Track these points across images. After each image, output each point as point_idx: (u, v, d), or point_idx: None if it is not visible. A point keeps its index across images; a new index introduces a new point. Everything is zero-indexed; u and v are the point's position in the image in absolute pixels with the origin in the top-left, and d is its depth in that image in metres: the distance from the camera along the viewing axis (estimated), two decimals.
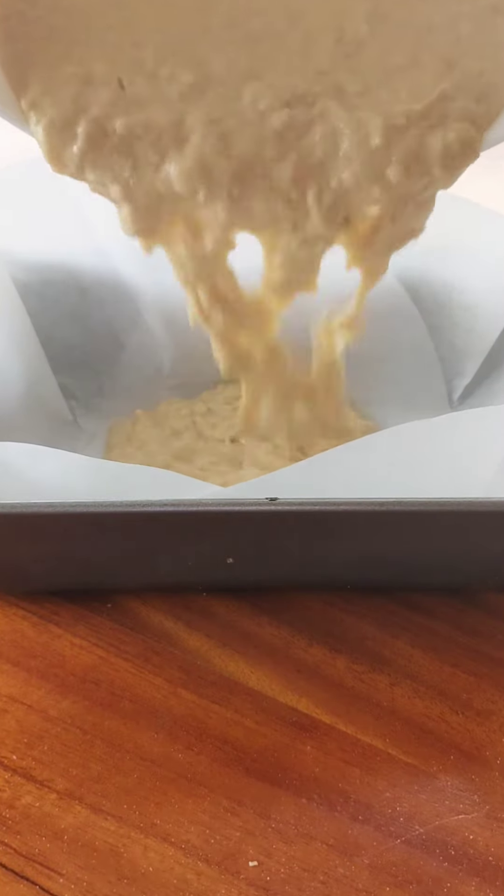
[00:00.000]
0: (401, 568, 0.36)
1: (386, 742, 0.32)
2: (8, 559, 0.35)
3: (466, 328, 0.50)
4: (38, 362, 0.48)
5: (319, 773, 0.30)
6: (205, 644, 0.35)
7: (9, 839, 0.28)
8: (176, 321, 0.50)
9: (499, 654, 0.35)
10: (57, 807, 0.29)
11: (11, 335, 0.46)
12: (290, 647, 0.35)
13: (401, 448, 0.34)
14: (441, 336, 0.51)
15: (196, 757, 0.31)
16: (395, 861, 0.28)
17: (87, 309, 0.50)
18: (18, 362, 0.46)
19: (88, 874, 0.27)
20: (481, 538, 0.34)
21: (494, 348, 0.49)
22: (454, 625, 0.36)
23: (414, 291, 0.51)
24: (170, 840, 0.28)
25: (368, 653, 0.35)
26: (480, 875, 0.28)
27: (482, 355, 0.49)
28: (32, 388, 0.47)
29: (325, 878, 0.27)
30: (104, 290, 0.50)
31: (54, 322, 0.49)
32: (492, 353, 0.49)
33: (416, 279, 0.51)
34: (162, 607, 0.36)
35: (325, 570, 0.36)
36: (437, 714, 0.33)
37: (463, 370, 0.51)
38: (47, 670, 0.34)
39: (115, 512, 0.32)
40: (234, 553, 0.34)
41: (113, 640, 0.35)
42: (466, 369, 0.50)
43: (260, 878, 0.27)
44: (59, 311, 0.49)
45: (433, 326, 0.51)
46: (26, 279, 0.48)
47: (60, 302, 0.49)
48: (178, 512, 0.32)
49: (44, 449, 0.35)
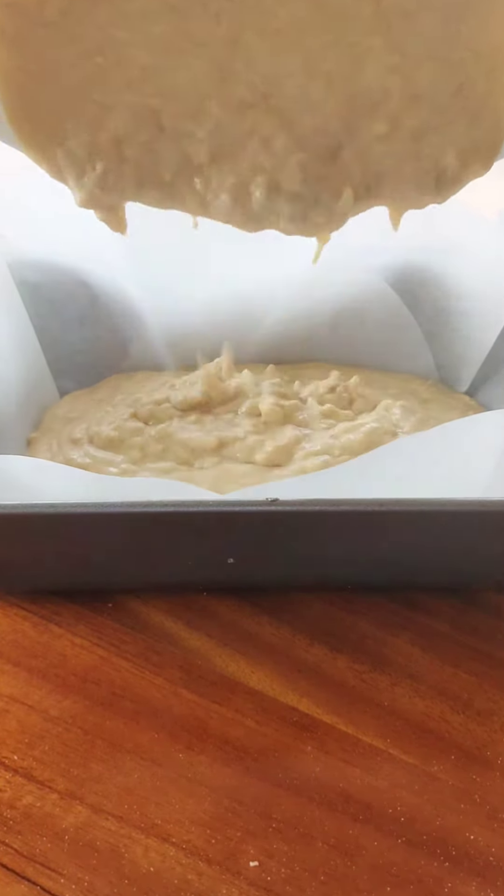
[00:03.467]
0: (401, 568, 0.36)
1: (387, 742, 0.32)
2: (9, 559, 0.35)
3: (464, 334, 0.50)
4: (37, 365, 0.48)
5: (320, 772, 0.30)
6: (205, 644, 0.35)
7: (10, 839, 0.28)
8: (177, 342, 0.51)
9: (499, 653, 0.35)
10: (58, 807, 0.29)
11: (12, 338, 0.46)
12: (291, 647, 0.35)
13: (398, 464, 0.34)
14: (439, 342, 0.51)
15: (197, 757, 0.31)
16: (396, 861, 0.28)
17: (96, 316, 0.50)
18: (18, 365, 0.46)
19: (89, 874, 0.27)
20: (481, 538, 0.34)
21: (491, 354, 0.49)
22: (455, 624, 0.36)
23: (412, 297, 0.51)
24: (171, 840, 0.28)
25: (369, 652, 0.35)
26: (481, 875, 0.28)
27: (479, 361, 0.50)
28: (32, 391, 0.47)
29: (326, 877, 0.27)
30: (113, 300, 0.50)
31: (63, 326, 0.49)
32: (488, 359, 0.49)
33: (413, 285, 0.51)
34: (163, 607, 0.36)
35: (326, 570, 0.36)
36: (438, 714, 0.33)
37: (460, 376, 0.51)
38: (48, 670, 0.34)
39: (116, 512, 0.32)
40: (235, 553, 0.34)
41: (114, 640, 0.35)
42: (463, 375, 0.51)
43: (261, 877, 0.27)
44: (68, 315, 0.49)
45: (430, 333, 0.52)
46: (37, 281, 0.48)
47: (70, 306, 0.50)
48: (179, 512, 0.32)
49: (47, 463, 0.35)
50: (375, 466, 0.34)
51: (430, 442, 0.35)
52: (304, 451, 0.43)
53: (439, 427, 0.36)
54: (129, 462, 0.42)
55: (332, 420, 0.46)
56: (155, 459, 0.43)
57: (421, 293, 0.51)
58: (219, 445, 0.43)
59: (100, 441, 0.44)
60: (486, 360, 0.49)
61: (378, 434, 0.44)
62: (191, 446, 0.43)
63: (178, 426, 0.45)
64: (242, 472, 0.42)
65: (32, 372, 0.47)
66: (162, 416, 0.46)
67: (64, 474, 0.35)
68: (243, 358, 0.51)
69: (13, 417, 0.45)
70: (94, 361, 0.50)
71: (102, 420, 0.46)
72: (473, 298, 0.50)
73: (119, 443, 0.44)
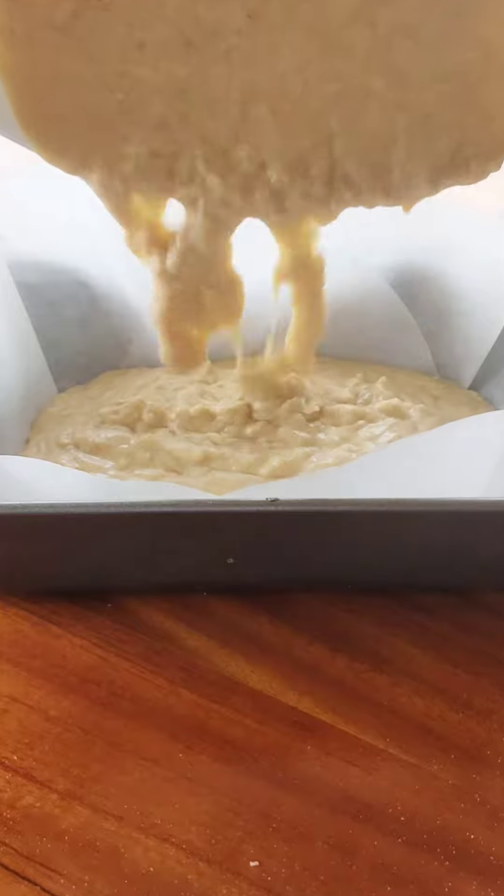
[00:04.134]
0: (401, 568, 0.36)
1: (386, 741, 0.32)
2: (8, 559, 0.35)
3: (464, 334, 0.50)
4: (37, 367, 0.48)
5: (320, 772, 0.30)
6: (205, 644, 0.35)
7: (10, 839, 0.28)
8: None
9: (499, 653, 0.35)
10: (58, 807, 0.29)
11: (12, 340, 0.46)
12: (291, 647, 0.35)
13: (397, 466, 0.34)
14: (439, 342, 0.51)
15: (197, 756, 0.31)
16: (396, 860, 0.28)
17: (96, 316, 0.50)
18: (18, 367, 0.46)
19: (89, 874, 0.27)
20: (481, 538, 0.34)
21: (491, 354, 0.49)
22: (454, 624, 0.36)
23: (412, 298, 0.51)
24: (171, 840, 0.28)
25: (369, 652, 0.35)
26: (481, 874, 0.28)
27: (479, 362, 0.50)
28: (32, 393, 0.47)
29: (326, 877, 0.27)
30: (112, 300, 0.50)
31: (63, 327, 0.49)
32: (489, 359, 0.49)
33: (414, 285, 0.51)
34: (162, 607, 0.36)
35: (325, 570, 0.36)
36: (438, 713, 0.33)
37: (460, 376, 0.51)
38: (48, 670, 0.34)
39: (116, 512, 0.32)
40: (235, 553, 0.34)
41: (113, 640, 0.35)
42: (463, 375, 0.51)
43: (261, 877, 0.27)
44: (68, 316, 0.49)
45: (430, 333, 0.52)
46: (36, 282, 0.48)
47: (70, 307, 0.49)
48: (179, 512, 0.32)
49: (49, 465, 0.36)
50: (375, 467, 0.34)
51: (430, 442, 0.35)
52: (312, 464, 0.42)
53: (439, 428, 0.36)
54: (117, 469, 0.42)
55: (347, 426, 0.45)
56: (142, 467, 0.42)
57: (421, 293, 0.51)
58: (204, 459, 0.42)
59: (87, 447, 0.43)
60: (486, 359, 0.49)
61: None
62: (176, 456, 0.42)
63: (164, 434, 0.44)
64: (236, 480, 0.41)
65: (33, 373, 0.47)
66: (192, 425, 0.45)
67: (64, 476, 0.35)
68: None
69: (14, 418, 0.45)
70: (94, 362, 0.50)
71: (87, 424, 0.45)
72: (473, 298, 0.49)
73: (107, 449, 0.43)
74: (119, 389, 0.49)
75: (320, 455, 0.43)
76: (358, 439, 0.44)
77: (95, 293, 0.50)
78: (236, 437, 0.44)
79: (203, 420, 0.45)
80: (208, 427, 0.45)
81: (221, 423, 0.45)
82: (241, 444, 0.44)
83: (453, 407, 0.48)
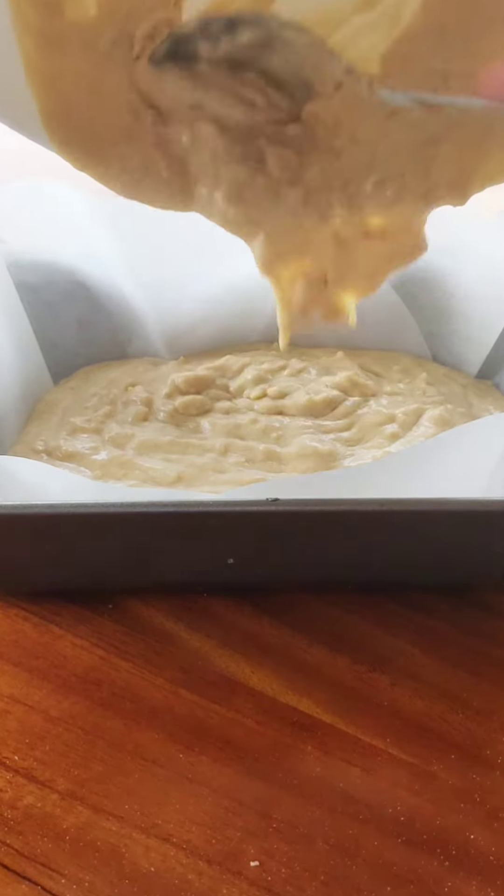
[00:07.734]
0: (401, 568, 0.36)
1: (386, 742, 0.32)
2: (9, 560, 0.35)
3: (464, 335, 0.50)
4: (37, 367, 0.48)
5: (320, 772, 0.31)
6: (205, 644, 0.35)
7: (10, 840, 0.28)
8: (176, 341, 0.50)
9: (499, 653, 0.35)
10: (58, 807, 0.29)
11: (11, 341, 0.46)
12: (291, 648, 0.35)
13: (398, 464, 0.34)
14: (439, 343, 0.51)
15: (197, 757, 0.31)
16: (396, 861, 0.28)
17: (95, 317, 0.50)
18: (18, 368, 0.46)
19: (90, 874, 0.27)
20: (481, 538, 0.34)
21: (491, 354, 0.49)
22: (454, 624, 0.36)
23: (413, 299, 0.51)
24: (171, 840, 0.28)
25: (369, 652, 0.35)
26: (481, 874, 0.28)
27: (480, 362, 0.50)
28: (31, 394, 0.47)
29: (327, 877, 0.28)
30: (111, 301, 0.50)
31: (61, 328, 0.49)
32: (489, 359, 0.49)
33: (414, 285, 0.51)
34: (163, 608, 0.36)
35: (326, 570, 0.36)
36: (438, 713, 0.33)
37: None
38: (48, 671, 0.34)
39: (116, 513, 0.32)
40: (235, 553, 0.34)
41: (114, 641, 0.35)
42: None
43: (261, 877, 0.27)
44: (67, 316, 0.50)
45: (431, 333, 0.52)
46: (36, 283, 0.48)
47: (68, 308, 0.50)
48: (179, 513, 0.32)
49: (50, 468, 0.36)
50: (376, 468, 0.35)
51: (429, 443, 0.35)
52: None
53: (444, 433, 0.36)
54: (93, 479, 0.41)
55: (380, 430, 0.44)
56: (119, 478, 0.41)
57: (421, 293, 0.51)
58: (177, 479, 0.41)
59: (60, 454, 0.43)
60: (486, 360, 0.49)
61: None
62: (151, 475, 0.41)
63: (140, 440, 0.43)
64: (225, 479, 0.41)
65: (32, 374, 0.47)
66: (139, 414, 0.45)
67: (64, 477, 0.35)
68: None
69: (13, 419, 0.45)
70: (93, 362, 0.50)
71: (61, 429, 0.44)
72: (474, 299, 0.50)
73: (80, 458, 0.42)
74: (97, 383, 0.48)
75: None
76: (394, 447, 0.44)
77: (94, 293, 0.50)
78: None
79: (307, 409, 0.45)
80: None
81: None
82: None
83: (479, 398, 0.48)
